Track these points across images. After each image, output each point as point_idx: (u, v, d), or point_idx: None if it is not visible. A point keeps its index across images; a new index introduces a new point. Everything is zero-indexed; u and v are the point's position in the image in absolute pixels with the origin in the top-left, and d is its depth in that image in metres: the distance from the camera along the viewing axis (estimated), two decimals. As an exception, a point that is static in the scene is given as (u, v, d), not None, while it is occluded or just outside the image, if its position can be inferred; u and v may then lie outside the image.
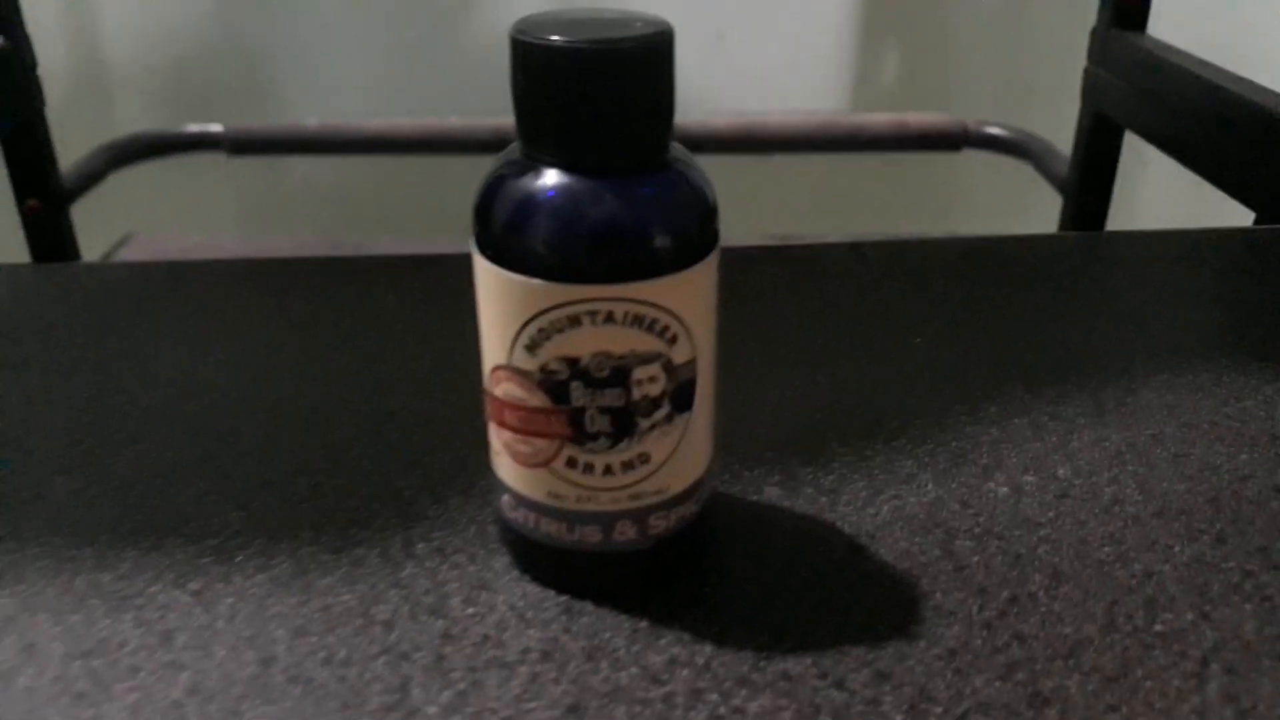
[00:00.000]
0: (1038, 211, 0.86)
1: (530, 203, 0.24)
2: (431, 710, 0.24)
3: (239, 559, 0.29)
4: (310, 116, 0.95)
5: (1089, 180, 0.77)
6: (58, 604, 0.27)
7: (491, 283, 0.24)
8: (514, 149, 0.25)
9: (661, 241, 0.24)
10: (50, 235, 0.83)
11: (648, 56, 0.23)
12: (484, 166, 0.25)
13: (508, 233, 0.24)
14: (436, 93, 1.01)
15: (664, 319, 0.24)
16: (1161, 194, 0.89)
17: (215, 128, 0.96)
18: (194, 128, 0.96)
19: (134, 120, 0.97)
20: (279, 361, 0.40)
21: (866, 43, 1.03)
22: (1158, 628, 0.26)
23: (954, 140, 0.93)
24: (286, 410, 0.36)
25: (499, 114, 0.24)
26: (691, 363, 0.25)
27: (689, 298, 0.24)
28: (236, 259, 0.49)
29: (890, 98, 1.05)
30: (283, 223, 1.12)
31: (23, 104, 0.80)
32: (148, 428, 0.35)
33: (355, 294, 0.45)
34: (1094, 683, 0.24)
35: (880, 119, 0.93)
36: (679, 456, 0.26)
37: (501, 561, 0.28)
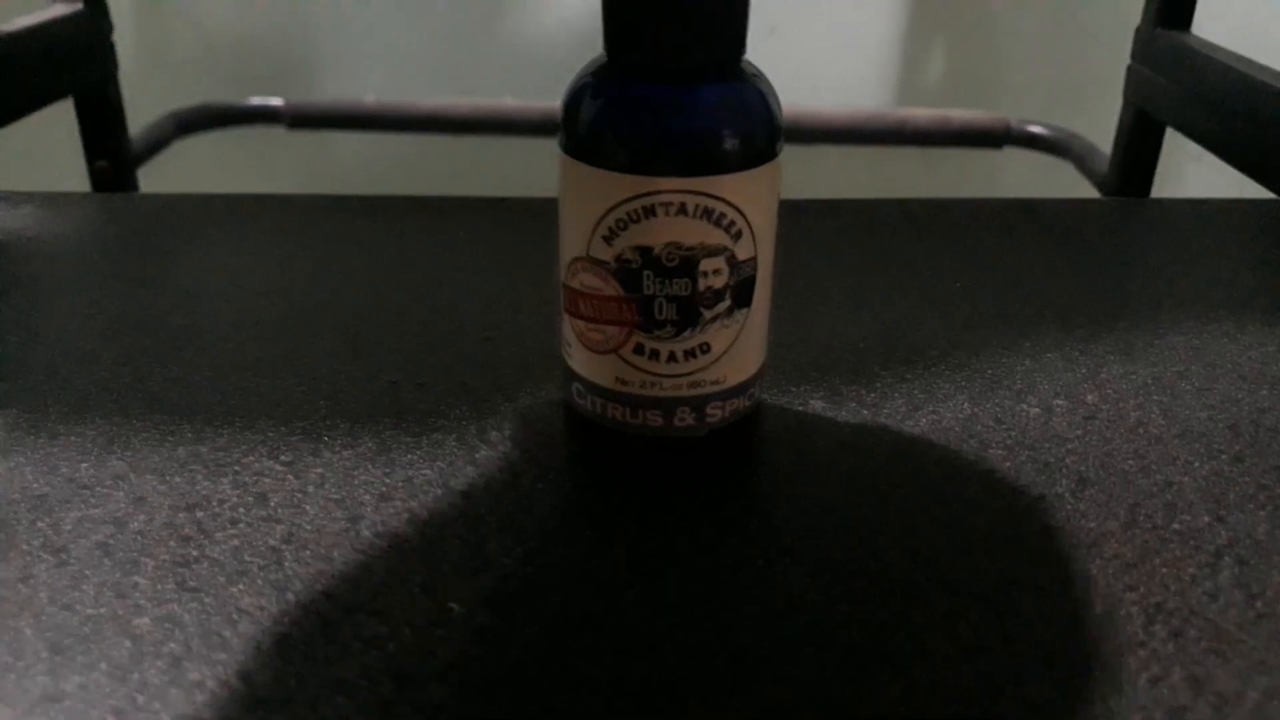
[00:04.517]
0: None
1: (613, 104, 0.26)
2: (506, 562, 0.26)
3: (326, 438, 0.31)
4: (369, 93, 0.98)
5: (1128, 177, 0.79)
6: (162, 466, 0.30)
7: (575, 178, 0.27)
8: (600, 58, 0.27)
9: (730, 142, 0.26)
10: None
11: (727, -27, 0.26)
12: (534, 147, 0.28)
13: (592, 130, 0.26)
14: (493, 74, 1.04)
15: (730, 214, 0.26)
16: (1203, 192, 0.91)
17: (276, 101, 0.99)
18: (256, 100, 1.00)
19: (200, 90, 1.01)
20: (355, 280, 0.42)
21: (915, 39, 1.05)
22: (1175, 526, 0.28)
23: (996, 138, 0.95)
24: (364, 321, 0.39)
25: (551, 97, 0.27)
26: (752, 260, 0.27)
27: (753, 197, 0.27)
28: (317, 194, 0.52)
29: (937, 93, 1.07)
30: (336, 193, 1.16)
31: (97, 68, 0.83)
32: (236, 330, 0.38)
33: (427, 228, 0.48)
34: (1114, 568, 0.26)
35: (924, 114, 0.95)
36: (737, 349, 0.28)
37: (569, 450, 0.31)
